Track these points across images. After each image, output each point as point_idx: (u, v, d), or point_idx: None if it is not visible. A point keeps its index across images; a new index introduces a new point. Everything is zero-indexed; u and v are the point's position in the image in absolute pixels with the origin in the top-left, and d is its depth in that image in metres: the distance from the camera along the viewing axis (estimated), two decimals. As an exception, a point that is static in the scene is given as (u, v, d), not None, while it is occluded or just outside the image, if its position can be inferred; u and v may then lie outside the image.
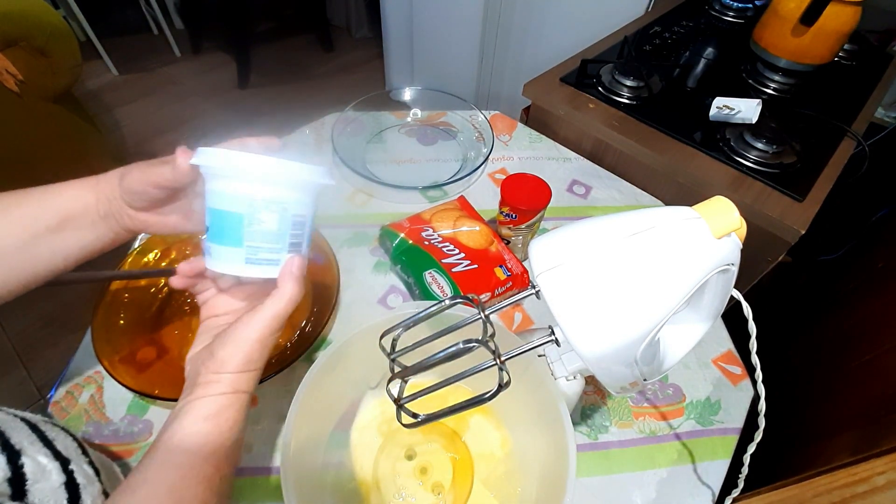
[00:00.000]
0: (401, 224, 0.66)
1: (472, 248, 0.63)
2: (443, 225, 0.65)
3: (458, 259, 0.62)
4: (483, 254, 0.63)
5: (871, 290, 0.83)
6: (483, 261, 0.62)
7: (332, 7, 2.53)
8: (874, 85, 1.01)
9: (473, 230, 0.65)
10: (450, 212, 0.67)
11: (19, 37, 1.19)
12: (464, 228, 0.65)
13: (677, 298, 0.30)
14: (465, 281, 0.60)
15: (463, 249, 0.63)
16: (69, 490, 0.31)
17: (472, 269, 0.61)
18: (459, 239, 0.64)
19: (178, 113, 2.07)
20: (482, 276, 0.60)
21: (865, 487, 0.43)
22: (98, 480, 0.35)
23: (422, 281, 0.60)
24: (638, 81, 0.90)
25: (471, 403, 0.32)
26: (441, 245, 0.63)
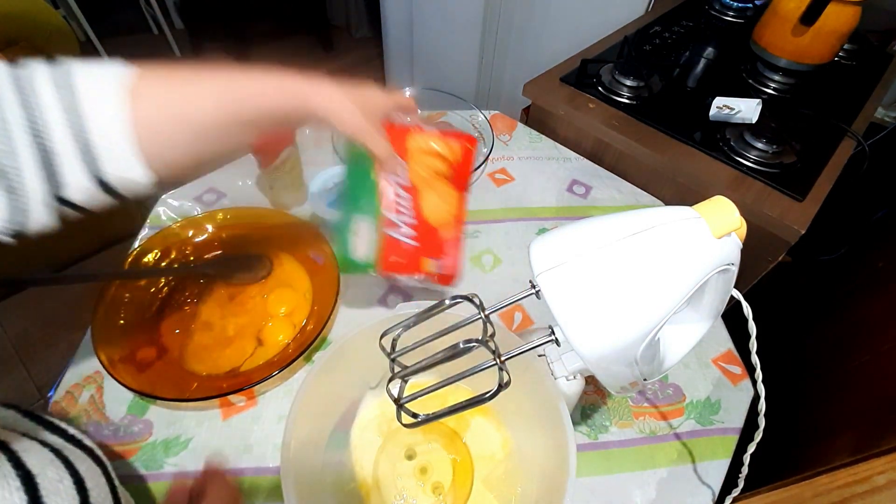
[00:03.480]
0: None
1: (427, 219, 0.50)
2: (420, 168, 0.50)
3: (404, 222, 0.49)
4: (431, 233, 0.50)
5: (871, 290, 0.83)
6: (425, 241, 0.50)
7: (332, 7, 2.53)
8: (874, 85, 1.01)
9: (443, 199, 0.52)
10: (436, 158, 0.51)
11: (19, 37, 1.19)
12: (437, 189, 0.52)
13: (677, 298, 0.30)
14: (391, 255, 0.49)
15: (418, 215, 0.50)
16: None
17: (408, 246, 0.50)
18: (423, 200, 0.50)
19: (178, 113, 2.06)
20: (409, 260, 0.50)
21: (865, 487, 0.43)
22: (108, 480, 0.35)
23: (347, 222, 0.49)
24: (638, 81, 0.90)
25: (471, 403, 0.32)
26: (399, 193, 0.49)
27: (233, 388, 0.50)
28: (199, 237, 0.64)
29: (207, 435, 0.51)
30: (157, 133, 0.32)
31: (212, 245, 0.64)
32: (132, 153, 0.30)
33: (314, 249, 0.62)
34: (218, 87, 0.35)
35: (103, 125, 0.29)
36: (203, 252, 0.64)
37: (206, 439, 0.51)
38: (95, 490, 0.33)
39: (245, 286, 0.62)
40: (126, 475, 0.48)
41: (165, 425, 0.51)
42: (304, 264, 0.63)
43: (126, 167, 0.30)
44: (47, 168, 0.28)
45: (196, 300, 0.60)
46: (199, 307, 0.60)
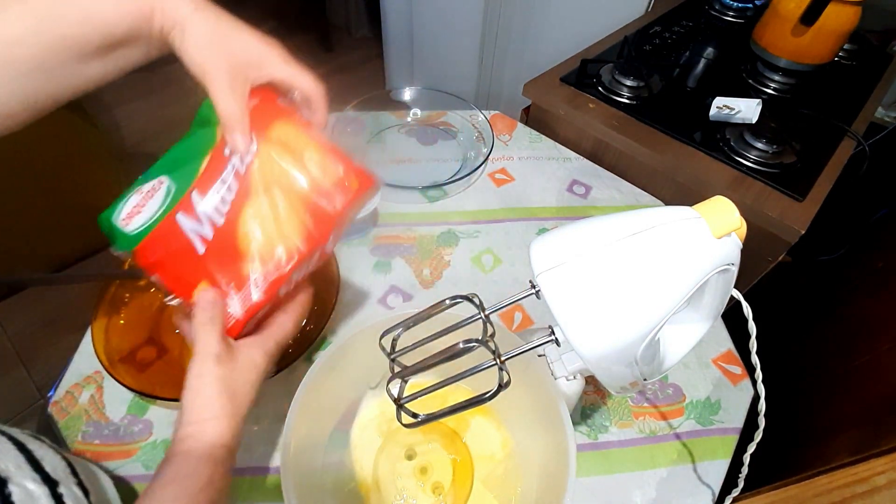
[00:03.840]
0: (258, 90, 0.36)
1: (237, 234, 0.35)
2: (271, 167, 0.35)
3: (209, 220, 0.35)
4: (231, 255, 0.35)
5: (871, 290, 0.83)
6: (218, 259, 0.35)
7: (332, 7, 2.53)
8: (874, 85, 1.01)
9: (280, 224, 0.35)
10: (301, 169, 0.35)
11: (19, 37, 1.19)
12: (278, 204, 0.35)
13: (677, 298, 0.30)
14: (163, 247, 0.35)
15: (230, 222, 0.35)
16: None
17: (191, 248, 0.35)
18: (250, 206, 0.35)
19: (178, 113, 2.06)
20: (181, 268, 0.36)
21: (865, 487, 0.43)
22: (87, 502, 0.35)
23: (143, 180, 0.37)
24: (638, 81, 0.90)
25: (471, 403, 0.32)
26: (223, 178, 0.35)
27: (233, 388, 0.49)
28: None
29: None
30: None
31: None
32: None
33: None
34: (35, 9, 0.28)
35: None
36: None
37: (206, 439, 0.51)
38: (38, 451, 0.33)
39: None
40: (126, 475, 0.48)
41: (165, 425, 0.51)
42: (304, 264, 0.63)
43: None
44: None
45: (196, 300, 0.60)
46: (199, 307, 0.60)
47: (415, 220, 0.73)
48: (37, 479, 0.30)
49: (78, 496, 0.33)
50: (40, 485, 0.30)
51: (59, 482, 0.32)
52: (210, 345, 0.34)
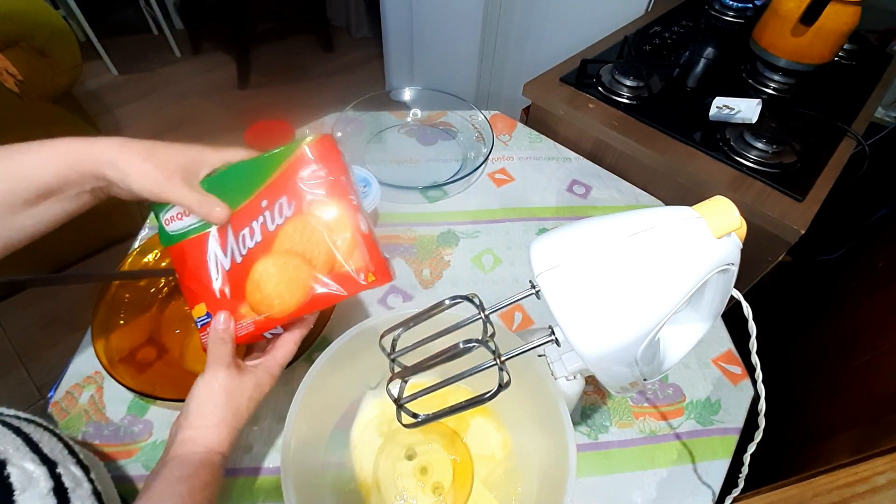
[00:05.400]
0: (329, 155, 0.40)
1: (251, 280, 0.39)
2: (295, 231, 0.39)
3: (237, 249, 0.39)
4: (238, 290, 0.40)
5: (871, 290, 0.83)
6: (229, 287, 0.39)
7: (332, 7, 2.53)
8: (874, 85, 1.01)
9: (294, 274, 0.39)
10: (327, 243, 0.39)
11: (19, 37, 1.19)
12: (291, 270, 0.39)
13: (677, 298, 0.30)
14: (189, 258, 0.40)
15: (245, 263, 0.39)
16: (58, 495, 0.31)
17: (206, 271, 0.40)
18: (268, 259, 0.39)
19: (178, 113, 2.06)
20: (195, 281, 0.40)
21: (866, 487, 0.43)
22: (87, 479, 0.35)
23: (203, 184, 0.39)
24: (638, 81, 0.90)
25: (471, 403, 0.32)
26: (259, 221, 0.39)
27: (233, 388, 0.49)
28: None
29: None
30: None
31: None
32: None
33: None
34: None
35: None
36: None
37: (206, 439, 0.51)
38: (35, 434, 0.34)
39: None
40: (126, 475, 0.48)
41: (165, 425, 0.51)
42: (304, 264, 0.63)
43: None
44: None
45: (196, 300, 0.60)
46: (199, 307, 0.60)
47: (415, 220, 0.73)
48: (35, 460, 0.31)
49: (77, 476, 0.34)
50: (39, 465, 0.31)
51: (58, 463, 0.33)
52: (222, 358, 0.38)
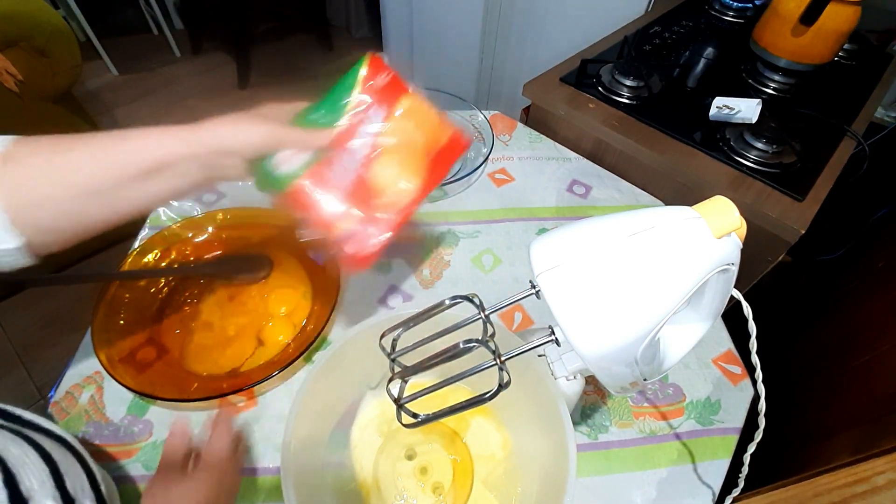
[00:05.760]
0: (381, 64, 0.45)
1: (372, 182, 0.44)
2: (398, 130, 0.45)
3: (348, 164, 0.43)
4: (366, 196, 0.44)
5: (871, 290, 0.83)
6: (355, 195, 0.44)
7: (332, 7, 2.53)
8: (874, 85, 1.01)
9: (409, 162, 0.45)
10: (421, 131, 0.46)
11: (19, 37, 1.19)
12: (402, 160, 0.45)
13: (677, 298, 0.30)
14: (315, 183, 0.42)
15: (368, 163, 0.44)
16: None
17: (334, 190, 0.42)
18: (381, 160, 0.44)
19: (178, 113, 2.07)
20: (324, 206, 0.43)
21: (866, 487, 0.43)
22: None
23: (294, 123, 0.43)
24: (638, 81, 0.90)
25: (471, 403, 0.32)
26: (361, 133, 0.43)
27: (233, 389, 0.50)
28: (199, 237, 0.64)
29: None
30: (35, 199, 0.30)
31: (212, 245, 0.64)
32: (2, 224, 0.29)
33: (314, 249, 0.62)
34: (99, 148, 0.33)
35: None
36: (203, 252, 0.64)
37: (206, 439, 0.51)
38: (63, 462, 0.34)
39: (245, 286, 0.62)
40: (126, 475, 0.48)
41: (165, 426, 0.51)
42: (304, 264, 0.63)
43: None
44: None
45: (196, 300, 0.60)
46: (199, 307, 0.60)
47: (415, 220, 0.73)
48: (57, 498, 0.31)
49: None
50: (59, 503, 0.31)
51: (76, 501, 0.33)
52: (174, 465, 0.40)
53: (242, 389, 0.49)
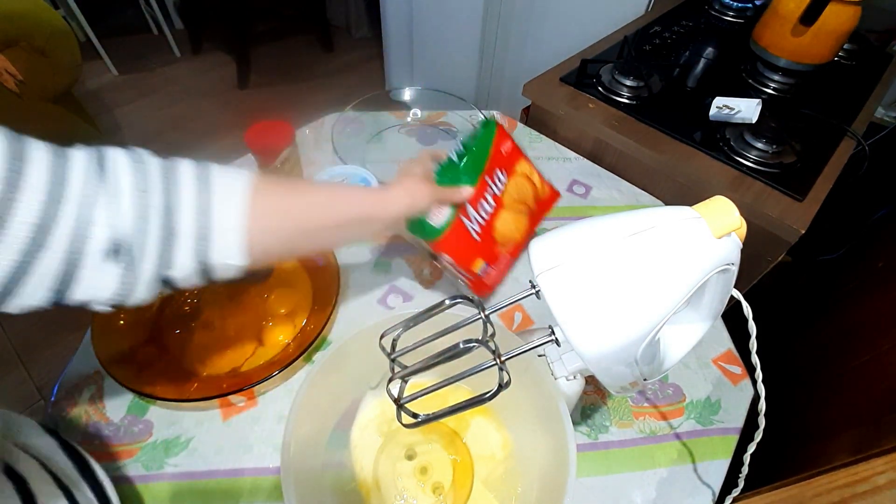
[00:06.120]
0: (506, 135, 0.58)
1: (494, 230, 0.56)
2: (514, 189, 0.58)
3: (477, 220, 0.54)
4: (491, 242, 0.56)
5: (871, 290, 0.83)
6: (485, 245, 0.55)
7: (332, 7, 2.53)
8: (874, 85, 1.01)
9: (515, 225, 0.59)
10: (530, 188, 0.60)
11: (19, 37, 1.19)
12: (515, 214, 0.58)
13: (677, 298, 0.30)
14: (455, 237, 0.52)
15: (489, 223, 0.56)
16: None
17: (471, 238, 0.54)
18: (500, 214, 0.56)
19: (178, 113, 2.06)
20: (465, 251, 0.54)
21: (866, 487, 0.43)
22: None
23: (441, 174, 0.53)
24: (638, 81, 0.90)
25: (471, 403, 0.32)
26: (486, 197, 0.55)
27: (233, 388, 0.50)
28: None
29: (207, 435, 0.51)
30: (267, 228, 0.36)
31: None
32: (240, 244, 0.33)
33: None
34: (323, 198, 0.41)
35: (225, 217, 0.33)
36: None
37: (206, 439, 0.51)
38: None
39: (245, 286, 0.62)
40: (126, 475, 0.48)
41: (165, 425, 0.51)
42: (304, 264, 0.63)
43: (230, 255, 0.34)
44: (165, 249, 0.31)
45: (196, 300, 0.60)
46: (199, 307, 0.60)
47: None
48: None
49: None
50: None
51: None
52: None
53: (242, 389, 0.49)
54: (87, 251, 0.28)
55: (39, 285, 0.28)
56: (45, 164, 0.27)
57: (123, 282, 0.30)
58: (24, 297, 0.29)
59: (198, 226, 0.31)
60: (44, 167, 0.27)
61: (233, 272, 0.35)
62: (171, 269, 0.31)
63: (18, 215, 0.25)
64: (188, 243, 0.31)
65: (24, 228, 0.26)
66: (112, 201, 0.29)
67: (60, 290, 0.29)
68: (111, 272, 0.29)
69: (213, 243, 0.32)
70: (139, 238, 0.29)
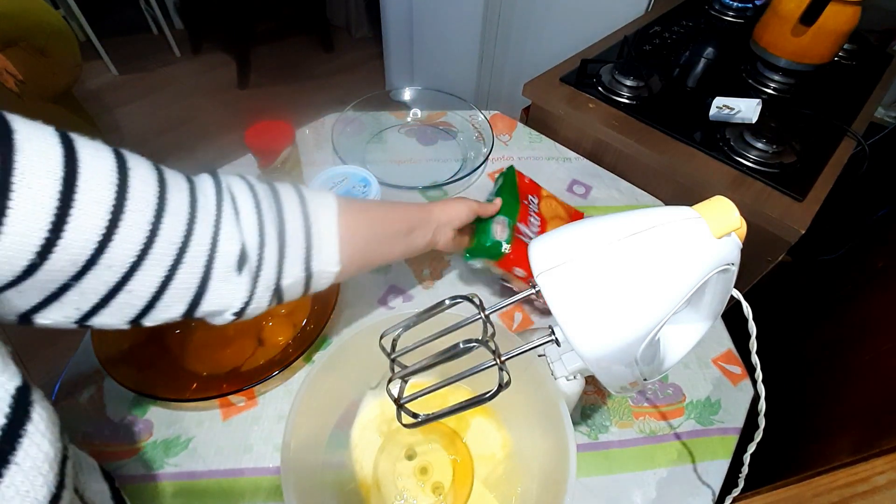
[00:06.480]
0: (522, 174, 0.70)
1: None
2: (547, 206, 0.68)
3: (531, 232, 0.63)
4: None
5: (871, 290, 0.83)
6: None
7: (332, 7, 2.53)
8: (874, 85, 1.01)
9: (562, 222, 0.67)
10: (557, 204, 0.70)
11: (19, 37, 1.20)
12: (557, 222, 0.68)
13: (677, 298, 0.30)
14: (518, 252, 0.60)
15: (542, 230, 0.65)
16: None
17: None
18: (547, 220, 0.66)
19: (178, 113, 2.07)
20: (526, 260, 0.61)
21: (865, 487, 0.43)
22: None
23: (491, 219, 0.61)
24: (638, 81, 0.90)
25: (471, 403, 0.32)
26: (531, 214, 0.65)
27: (233, 388, 0.50)
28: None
29: (207, 435, 0.51)
30: (351, 239, 0.41)
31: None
32: (335, 252, 0.39)
33: None
34: (388, 213, 0.47)
35: (323, 228, 0.38)
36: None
37: (206, 439, 0.51)
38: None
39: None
40: (126, 475, 0.48)
41: (165, 425, 0.51)
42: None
43: (329, 262, 0.39)
44: (280, 260, 0.35)
45: (196, 300, 0.60)
46: (199, 307, 0.60)
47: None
48: None
49: None
50: None
51: None
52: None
53: (242, 389, 0.49)
54: (218, 265, 0.32)
55: (178, 299, 0.32)
56: (184, 190, 0.31)
57: (250, 291, 0.34)
58: (161, 311, 0.32)
59: (304, 238, 0.37)
60: (184, 193, 0.31)
61: (327, 281, 0.40)
62: (283, 279, 0.36)
63: (164, 235, 0.29)
64: (298, 253, 0.36)
65: (170, 248, 0.29)
66: (235, 219, 0.33)
67: (194, 301, 0.33)
68: (238, 283, 0.33)
69: (315, 251, 0.37)
70: (260, 251, 0.34)
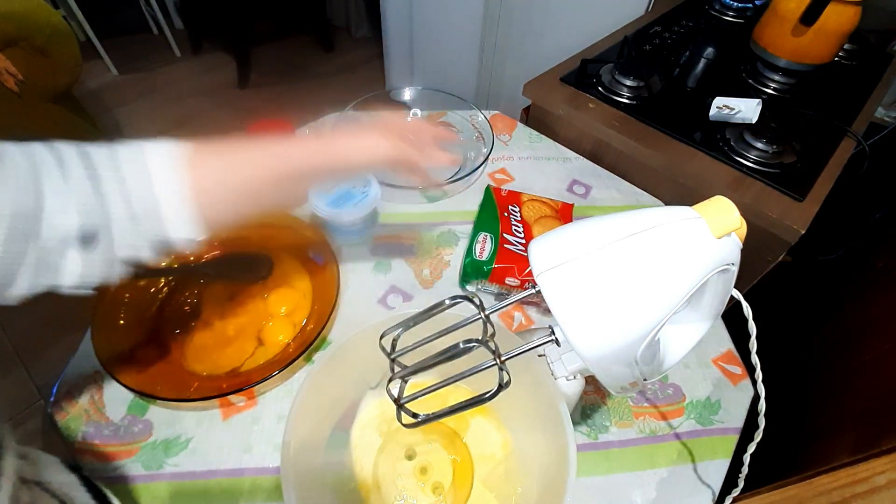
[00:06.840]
0: (499, 189, 0.73)
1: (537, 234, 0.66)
2: (529, 211, 0.70)
3: (515, 241, 0.65)
4: None
5: (871, 290, 0.83)
6: None
7: (332, 7, 2.53)
8: (874, 85, 1.01)
9: (551, 219, 0.69)
10: (543, 206, 0.71)
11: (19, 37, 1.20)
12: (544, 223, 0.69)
13: (677, 298, 0.30)
14: (505, 260, 0.62)
15: (528, 232, 0.66)
16: None
17: (519, 254, 0.62)
18: (534, 229, 0.67)
19: (178, 113, 2.07)
20: (519, 265, 0.62)
21: (866, 487, 0.43)
22: None
23: (475, 236, 0.64)
24: (638, 81, 0.90)
25: (471, 403, 0.32)
26: (515, 224, 0.67)
27: (233, 388, 0.50)
28: (199, 237, 0.64)
29: (207, 435, 0.51)
30: (212, 197, 0.37)
31: (212, 245, 0.64)
32: (189, 218, 0.35)
33: (314, 249, 0.62)
34: (263, 155, 0.40)
35: (168, 195, 0.34)
36: (203, 252, 0.64)
37: (206, 439, 0.51)
38: None
39: (245, 286, 0.62)
40: (126, 475, 0.48)
41: (165, 425, 0.51)
42: (304, 264, 0.63)
43: (185, 230, 0.35)
44: (132, 233, 0.33)
45: (196, 300, 0.60)
46: (199, 307, 0.60)
47: (415, 220, 0.73)
48: None
49: None
50: None
51: None
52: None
53: (242, 389, 0.49)
54: (63, 239, 0.31)
55: (27, 274, 0.30)
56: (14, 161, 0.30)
57: (104, 262, 0.33)
58: (16, 288, 0.31)
59: (148, 207, 0.33)
60: (14, 163, 0.29)
61: (195, 243, 0.36)
62: (140, 251, 0.34)
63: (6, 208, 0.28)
64: (145, 224, 0.34)
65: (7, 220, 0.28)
66: (72, 192, 0.31)
67: (47, 277, 0.31)
68: (84, 258, 0.32)
69: (165, 222, 0.34)
70: (104, 224, 0.32)
